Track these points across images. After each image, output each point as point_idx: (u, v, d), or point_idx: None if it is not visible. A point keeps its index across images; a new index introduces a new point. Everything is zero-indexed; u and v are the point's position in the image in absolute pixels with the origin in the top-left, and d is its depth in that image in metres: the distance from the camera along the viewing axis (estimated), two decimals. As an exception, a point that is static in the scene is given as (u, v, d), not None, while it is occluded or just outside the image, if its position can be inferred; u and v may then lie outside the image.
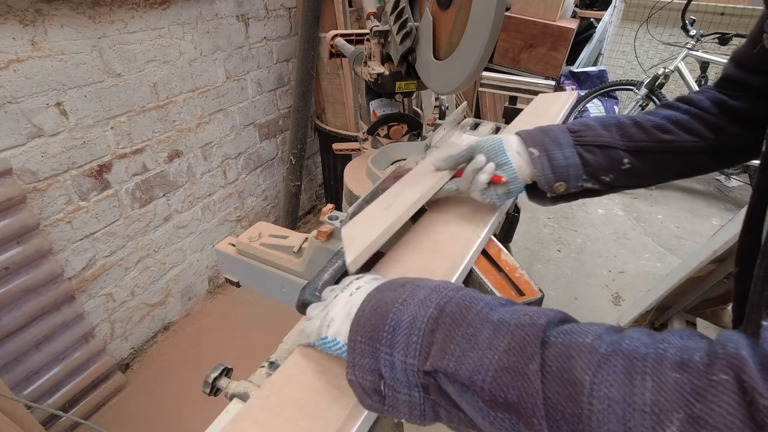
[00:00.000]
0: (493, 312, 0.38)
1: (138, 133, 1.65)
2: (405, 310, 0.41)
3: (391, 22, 0.90)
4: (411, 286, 0.43)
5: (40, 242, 1.37)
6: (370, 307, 0.43)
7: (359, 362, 0.41)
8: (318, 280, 0.61)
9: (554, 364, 0.32)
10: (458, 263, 0.62)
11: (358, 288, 0.48)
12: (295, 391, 0.46)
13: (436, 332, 0.38)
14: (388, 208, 0.67)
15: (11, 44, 1.24)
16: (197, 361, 1.90)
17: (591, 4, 3.86)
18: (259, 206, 2.46)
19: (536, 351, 0.33)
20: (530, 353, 0.33)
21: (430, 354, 0.38)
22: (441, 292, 0.41)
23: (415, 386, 0.39)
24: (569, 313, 0.38)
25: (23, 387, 1.44)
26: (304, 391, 0.46)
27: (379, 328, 0.40)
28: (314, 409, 0.44)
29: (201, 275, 2.17)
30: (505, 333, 0.36)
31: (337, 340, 0.44)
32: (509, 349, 0.34)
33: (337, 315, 0.46)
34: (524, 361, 0.33)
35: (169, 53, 1.68)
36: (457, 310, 0.39)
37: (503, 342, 0.35)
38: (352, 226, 0.65)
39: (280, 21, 2.18)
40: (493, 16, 0.62)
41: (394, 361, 0.39)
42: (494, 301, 0.40)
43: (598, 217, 2.94)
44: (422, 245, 0.66)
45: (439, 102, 1.33)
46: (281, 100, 2.36)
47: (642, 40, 3.42)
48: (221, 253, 0.91)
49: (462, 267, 0.61)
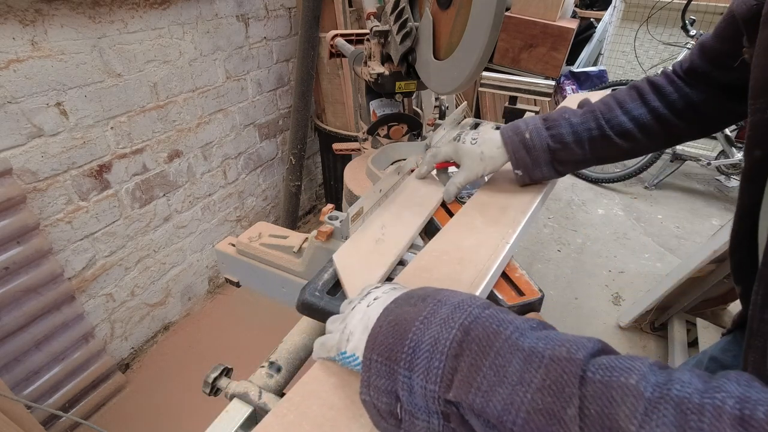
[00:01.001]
0: (524, 338, 0.35)
1: (138, 133, 1.65)
2: (426, 329, 0.38)
3: (391, 22, 0.90)
4: (432, 301, 0.41)
5: (40, 242, 1.37)
6: (387, 323, 0.41)
7: (375, 382, 0.39)
8: (318, 280, 0.61)
9: (594, 408, 0.29)
10: (485, 273, 0.59)
11: (376, 299, 0.46)
12: (313, 408, 0.45)
13: (460, 358, 0.36)
14: (379, 243, 0.67)
15: (11, 44, 1.24)
16: (197, 361, 1.90)
17: (591, 4, 3.86)
18: (259, 206, 2.46)
19: (574, 392, 0.30)
20: (568, 395, 0.30)
21: (453, 382, 0.35)
22: (465, 310, 0.38)
23: (435, 413, 0.36)
24: (569, 313, 0.37)
25: (23, 387, 1.44)
26: (322, 408, 0.45)
27: (398, 348, 0.38)
28: (332, 428, 0.43)
29: (201, 275, 2.17)
30: (539, 366, 0.32)
31: (356, 356, 0.42)
32: (543, 388, 0.31)
33: (355, 328, 0.44)
34: (561, 403, 0.30)
35: (169, 53, 1.68)
36: (484, 334, 0.36)
37: (537, 377, 0.32)
38: (345, 257, 0.64)
39: (280, 21, 2.18)
40: (493, 16, 0.62)
41: (413, 384, 0.36)
42: (525, 324, 0.37)
43: (598, 217, 2.94)
44: (448, 254, 0.63)
45: (439, 102, 1.33)
46: (281, 100, 2.36)
47: (642, 40, 3.42)
48: (221, 253, 0.91)
49: (488, 277, 0.58)
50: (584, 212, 2.99)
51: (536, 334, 0.35)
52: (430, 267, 0.61)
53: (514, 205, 0.74)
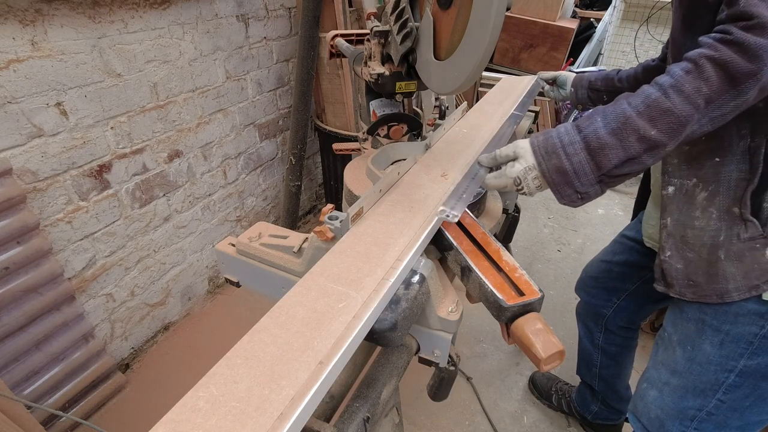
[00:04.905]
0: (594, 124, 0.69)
1: (138, 133, 1.65)
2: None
3: (392, 22, 0.90)
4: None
5: (40, 242, 1.37)
6: None
7: None
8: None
9: None
10: (431, 218, 0.77)
11: None
12: (300, 312, 0.57)
13: None
14: None
15: (11, 44, 1.24)
16: (197, 361, 1.90)
17: (591, 4, 3.86)
18: (259, 206, 2.46)
19: None
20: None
21: None
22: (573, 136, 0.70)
23: None
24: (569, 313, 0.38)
25: (23, 387, 1.44)
26: (308, 312, 0.57)
27: None
28: (318, 324, 0.55)
29: (201, 275, 2.17)
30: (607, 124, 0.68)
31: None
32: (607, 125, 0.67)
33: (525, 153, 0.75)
34: None
35: (169, 53, 1.68)
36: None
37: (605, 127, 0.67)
38: None
39: (280, 21, 2.18)
40: (493, 16, 0.62)
41: None
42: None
43: (598, 217, 2.94)
44: (402, 204, 0.83)
45: (439, 102, 1.33)
46: (281, 100, 2.36)
47: (642, 40, 3.42)
48: (221, 253, 0.91)
49: (432, 224, 0.76)
50: (584, 212, 2.99)
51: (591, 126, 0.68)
52: (386, 213, 0.79)
53: (455, 168, 0.95)
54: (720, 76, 0.59)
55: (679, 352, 0.90)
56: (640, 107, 0.64)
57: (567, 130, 0.70)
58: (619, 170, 0.67)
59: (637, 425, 1.02)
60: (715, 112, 0.62)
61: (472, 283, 0.70)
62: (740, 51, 0.57)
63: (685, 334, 0.88)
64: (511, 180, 0.75)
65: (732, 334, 0.81)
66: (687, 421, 0.91)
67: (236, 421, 0.43)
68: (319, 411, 0.68)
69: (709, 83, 0.60)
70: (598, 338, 1.40)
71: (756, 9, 0.56)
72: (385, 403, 0.69)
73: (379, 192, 0.85)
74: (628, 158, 0.65)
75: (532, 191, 0.74)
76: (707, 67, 0.60)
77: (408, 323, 0.64)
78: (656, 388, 0.96)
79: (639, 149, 0.64)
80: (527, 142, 0.74)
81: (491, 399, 1.76)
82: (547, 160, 0.70)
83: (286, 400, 0.45)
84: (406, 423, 1.66)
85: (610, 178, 0.69)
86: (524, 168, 0.73)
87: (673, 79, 0.63)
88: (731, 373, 0.84)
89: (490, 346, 1.99)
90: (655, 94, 0.63)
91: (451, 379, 0.78)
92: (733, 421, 0.88)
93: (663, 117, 0.62)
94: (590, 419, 1.58)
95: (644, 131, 0.63)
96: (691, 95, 0.61)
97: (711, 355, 0.85)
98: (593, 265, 1.38)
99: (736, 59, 0.58)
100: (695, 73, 0.61)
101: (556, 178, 0.70)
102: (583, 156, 0.67)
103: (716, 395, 0.86)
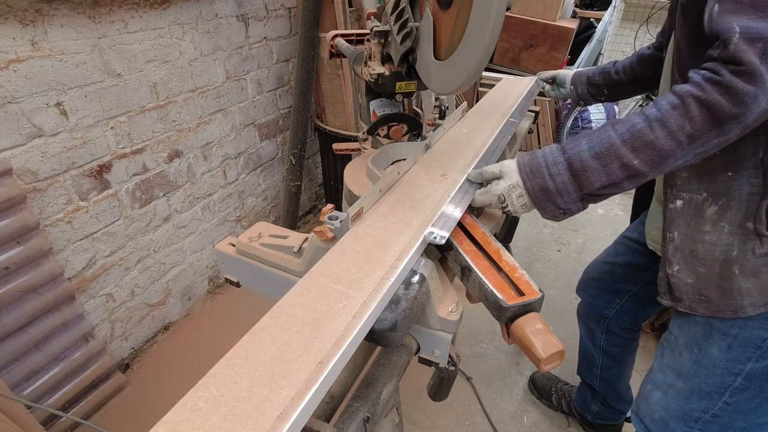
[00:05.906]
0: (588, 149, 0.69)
1: (138, 133, 1.65)
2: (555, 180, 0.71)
3: (392, 22, 0.90)
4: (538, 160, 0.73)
5: (40, 242, 1.37)
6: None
7: None
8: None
9: None
10: (431, 218, 0.77)
11: None
12: (300, 312, 0.57)
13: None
14: None
15: (11, 44, 1.24)
16: (197, 361, 1.90)
17: (591, 4, 3.86)
18: (259, 206, 2.46)
19: None
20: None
21: None
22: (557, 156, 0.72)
23: None
24: (569, 313, 0.38)
25: (23, 387, 1.44)
26: (308, 312, 0.57)
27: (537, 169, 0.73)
28: (318, 324, 0.55)
29: (201, 275, 2.17)
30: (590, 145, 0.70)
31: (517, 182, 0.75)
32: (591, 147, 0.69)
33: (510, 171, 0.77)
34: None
35: (169, 53, 1.68)
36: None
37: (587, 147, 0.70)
38: None
39: (280, 21, 2.18)
40: (493, 16, 0.62)
41: None
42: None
43: (598, 217, 2.94)
44: (402, 203, 0.83)
45: (439, 102, 1.33)
46: (281, 100, 2.36)
47: (642, 40, 3.42)
48: (221, 253, 0.91)
49: (434, 219, 0.77)
50: (584, 212, 2.98)
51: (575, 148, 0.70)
52: (386, 212, 0.79)
53: (455, 168, 0.95)
54: (704, 116, 0.61)
55: (685, 355, 0.89)
56: (624, 135, 0.66)
57: (552, 151, 0.72)
58: (600, 191, 0.69)
59: (640, 426, 1.01)
60: (698, 149, 0.64)
61: (472, 283, 0.70)
62: (726, 94, 0.58)
63: (692, 337, 0.88)
64: (495, 197, 0.77)
65: (740, 338, 0.81)
66: (691, 422, 0.91)
67: (236, 421, 0.43)
68: (319, 411, 0.68)
69: (693, 122, 0.62)
70: (600, 339, 1.40)
71: (746, 56, 0.57)
72: (385, 403, 0.69)
73: (379, 192, 0.85)
74: (610, 183, 0.67)
75: (517, 210, 0.76)
76: (693, 106, 0.61)
77: (408, 323, 0.64)
78: (661, 390, 0.95)
79: (621, 176, 0.66)
80: (514, 162, 0.76)
81: (491, 399, 1.76)
82: (531, 179, 0.73)
83: (286, 400, 0.45)
84: (406, 423, 1.66)
85: (592, 197, 0.71)
86: (508, 186, 0.75)
87: (660, 113, 0.64)
88: (738, 377, 0.83)
89: (490, 346, 1.99)
90: (641, 125, 0.65)
91: (451, 379, 0.78)
92: (737, 422, 0.87)
93: (646, 149, 0.64)
94: (590, 419, 1.58)
95: (627, 159, 0.65)
96: (675, 131, 0.63)
97: (718, 358, 0.84)
98: (595, 266, 1.37)
99: (722, 102, 0.59)
100: (681, 110, 0.62)
101: (539, 196, 0.72)
102: (566, 176, 0.69)
103: (722, 398, 0.86)
